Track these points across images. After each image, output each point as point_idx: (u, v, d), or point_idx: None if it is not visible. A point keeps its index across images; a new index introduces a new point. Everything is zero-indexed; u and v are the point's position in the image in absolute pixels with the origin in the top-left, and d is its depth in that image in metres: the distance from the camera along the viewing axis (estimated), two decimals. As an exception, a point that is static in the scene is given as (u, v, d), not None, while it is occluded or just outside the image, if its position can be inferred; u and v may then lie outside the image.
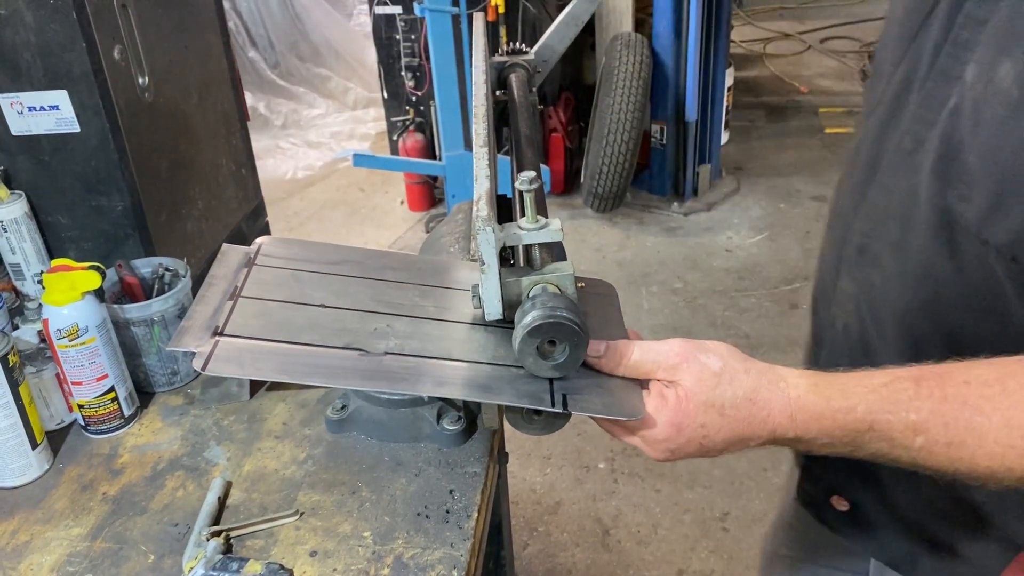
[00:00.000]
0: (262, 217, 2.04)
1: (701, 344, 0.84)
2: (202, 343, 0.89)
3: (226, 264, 1.03)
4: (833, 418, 0.78)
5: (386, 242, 4.51)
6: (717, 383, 0.81)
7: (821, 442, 0.80)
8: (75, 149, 1.37)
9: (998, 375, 0.73)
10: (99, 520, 1.06)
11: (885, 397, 0.76)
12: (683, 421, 0.81)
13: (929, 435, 0.74)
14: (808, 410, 0.79)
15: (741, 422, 0.81)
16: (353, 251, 1.13)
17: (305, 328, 0.93)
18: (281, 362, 0.88)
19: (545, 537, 2.61)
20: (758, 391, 0.80)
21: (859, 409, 0.77)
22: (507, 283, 0.85)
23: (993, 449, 0.72)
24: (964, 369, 0.75)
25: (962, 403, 0.73)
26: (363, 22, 6.07)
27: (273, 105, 5.93)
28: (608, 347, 0.86)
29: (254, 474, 1.12)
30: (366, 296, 0.99)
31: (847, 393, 0.78)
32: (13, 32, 1.27)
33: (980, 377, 0.74)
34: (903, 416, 0.75)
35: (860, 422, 0.77)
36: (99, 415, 1.19)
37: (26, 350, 1.22)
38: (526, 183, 0.80)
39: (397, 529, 1.01)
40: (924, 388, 0.75)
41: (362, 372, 0.88)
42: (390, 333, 0.93)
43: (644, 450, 0.86)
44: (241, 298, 0.97)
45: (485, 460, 1.11)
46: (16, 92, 1.32)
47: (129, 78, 1.42)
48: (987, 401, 0.72)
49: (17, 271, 1.41)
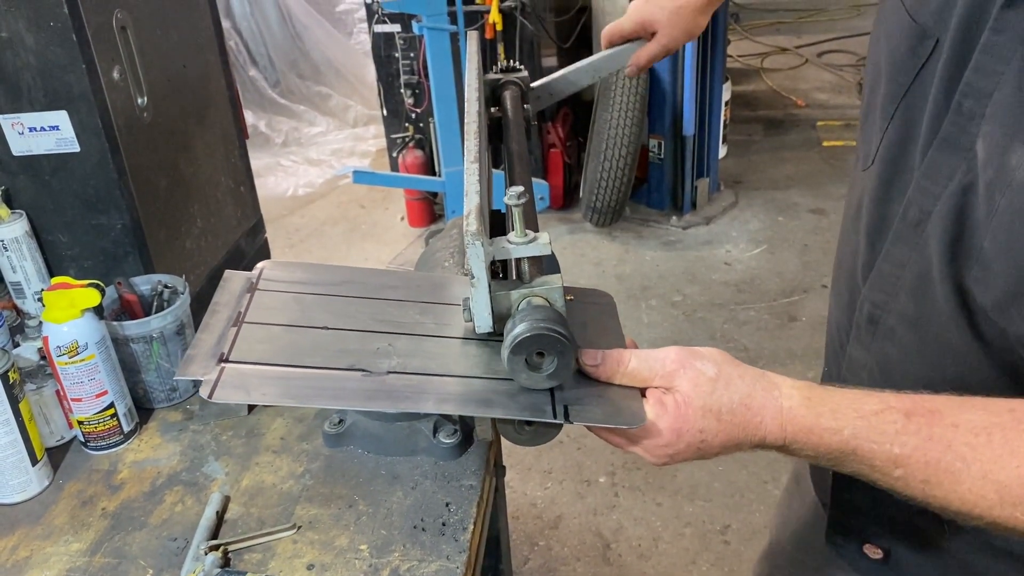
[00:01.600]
0: (261, 234, 2.05)
1: (696, 351, 0.85)
2: (208, 371, 0.90)
3: (228, 291, 1.04)
4: (820, 435, 0.79)
5: (387, 258, 4.53)
6: (713, 388, 0.82)
7: (805, 453, 0.81)
8: (75, 169, 1.38)
9: (986, 425, 0.74)
10: (98, 535, 1.07)
11: (873, 426, 0.77)
12: (683, 426, 0.83)
13: (908, 469, 0.76)
14: (798, 423, 0.80)
15: (737, 427, 0.82)
16: (353, 271, 1.14)
17: (308, 351, 0.94)
18: (286, 386, 0.89)
19: (546, 551, 2.61)
20: (753, 396, 0.82)
21: (846, 432, 0.78)
22: (496, 296, 0.86)
23: (966, 496, 0.74)
24: (956, 410, 0.76)
25: (946, 446, 0.74)
26: (363, 40, 6.11)
27: (274, 123, 5.96)
28: (604, 356, 0.87)
29: (252, 488, 1.13)
30: (367, 316, 1.00)
31: (837, 414, 0.79)
32: (14, 54, 1.29)
33: (969, 423, 0.74)
34: (887, 448, 0.76)
35: (845, 444, 0.78)
36: (99, 431, 1.20)
37: (26, 367, 1.23)
38: (514, 198, 0.81)
39: (394, 542, 1.02)
40: (913, 423, 0.76)
41: (365, 392, 0.89)
42: (392, 352, 0.94)
43: (644, 457, 0.87)
44: (245, 324, 0.98)
45: (481, 473, 1.12)
46: (17, 113, 1.34)
47: (128, 98, 1.44)
48: (970, 449, 0.73)
49: (18, 289, 1.42)
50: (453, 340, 0.98)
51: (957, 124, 0.81)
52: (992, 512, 0.73)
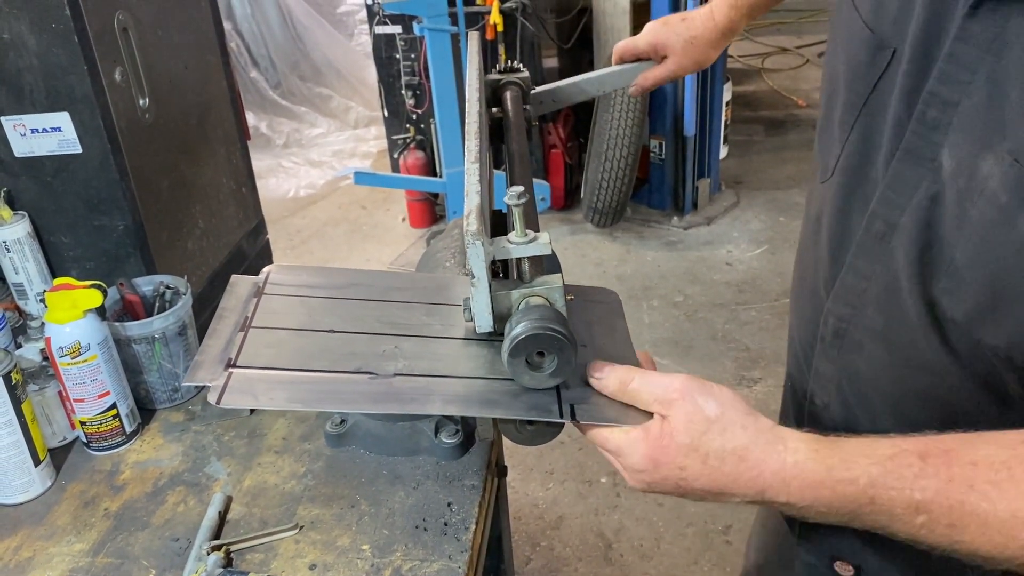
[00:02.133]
0: (262, 235, 2.06)
1: (706, 386, 0.81)
2: (216, 376, 0.90)
3: (235, 295, 1.04)
4: (833, 488, 0.74)
5: (388, 259, 4.53)
6: (706, 429, 0.78)
7: (816, 510, 0.76)
8: (77, 170, 1.38)
9: (1005, 459, 0.70)
10: (101, 536, 1.07)
11: (890, 471, 0.72)
12: (660, 457, 0.79)
13: (932, 515, 0.71)
14: (806, 478, 0.75)
15: (725, 476, 0.77)
16: (359, 274, 1.14)
17: (315, 354, 0.94)
18: (293, 390, 0.89)
19: (548, 552, 2.61)
20: (750, 449, 0.76)
21: (861, 481, 0.73)
22: (497, 296, 0.86)
23: (995, 538, 0.70)
24: (970, 447, 0.72)
25: (968, 486, 0.70)
26: (363, 42, 6.12)
27: (275, 124, 5.97)
28: (610, 371, 0.86)
29: (254, 489, 1.13)
30: (374, 318, 1.00)
31: (849, 463, 0.73)
32: (16, 56, 1.30)
33: (988, 458, 0.70)
34: (907, 494, 0.71)
35: (862, 495, 0.73)
36: (101, 432, 1.20)
37: (29, 368, 1.24)
38: (514, 198, 0.81)
39: (396, 542, 1.02)
40: (930, 466, 0.71)
41: (372, 395, 0.88)
42: (398, 354, 0.94)
43: (622, 474, 0.86)
44: (252, 328, 0.98)
45: (483, 473, 1.12)
46: (19, 114, 1.34)
47: (130, 99, 1.44)
48: (993, 487, 0.69)
49: (20, 290, 1.42)
50: (459, 341, 0.98)
51: (921, 135, 0.80)
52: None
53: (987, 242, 0.74)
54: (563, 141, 4.60)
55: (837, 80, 0.94)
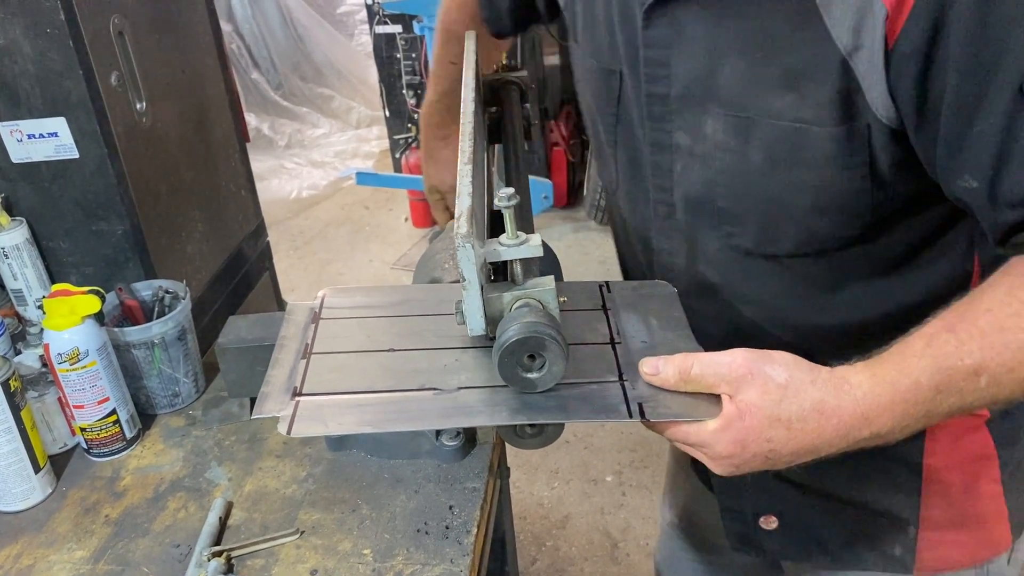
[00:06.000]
0: (263, 238, 2.05)
1: (766, 355, 0.81)
2: (284, 406, 0.89)
3: (293, 323, 1.04)
4: (904, 400, 0.78)
5: (391, 259, 4.53)
6: (783, 396, 0.78)
7: (900, 428, 0.79)
8: (74, 175, 1.38)
9: (1006, 293, 0.77)
10: (102, 542, 1.07)
11: (935, 355, 0.77)
12: (747, 438, 0.80)
13: (991, 371, 0.76)
14: (880, 404, 0.78)
15: (811, 434, 0.79)
16: (410, 289, 1.14)
17: (379, 375, 0.93)
18: (361, 413, 0.88)
19: (553, 552, 2.61)
20: (825, 402, 0.78)
21: (923, 380, 0.77)
22: (489, 299, 0.85)
23: None
24: (975, 301, 0.79)
25: (1000, 329, 0.76)
26: (364, 42, 6.10)
27: (277, 126, 5.96)
28: (665, 363, 0.85)
29: (255, 494, 1.12)
30: (431, 332, 1.00)
31: (905, 370, 0.78)
32: (11, 61, 1.29)
33: (995, 300, 0.77)
34: (960, 364, 0.76)
35: (928, 390, 0.77)
36: (101, 438, 1.19)
37: (28, 375, 1.23)
38: (504, 200, 0.80)
39: (397, 546, 1.01)
40: (962, 332, 0.77)
41: (439, 411, 0.88)
42: (460, 367, 0.93)
43: (708, 465, 0.85)
44: (314, 355, 0.98)
45: (485, 475, 1.11)
46: (15, 120, 1.33)
47: (127, 103, 1.43)
48: (1016, 318, 0.76)
49: (19, 297, 1.42)
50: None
51: (658, 128, 0.99)
52: None
53: (736, 181, 0.94)
54: (565, 139, 4.58)
55: (592, 111, 1.12)
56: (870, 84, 0.81)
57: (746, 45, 0.87)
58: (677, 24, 0.91)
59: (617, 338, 0.95)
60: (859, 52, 0.80)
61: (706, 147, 0.95)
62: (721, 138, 0.93)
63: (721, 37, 0.89)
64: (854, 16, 0.79)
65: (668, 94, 0.96)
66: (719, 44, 0.89)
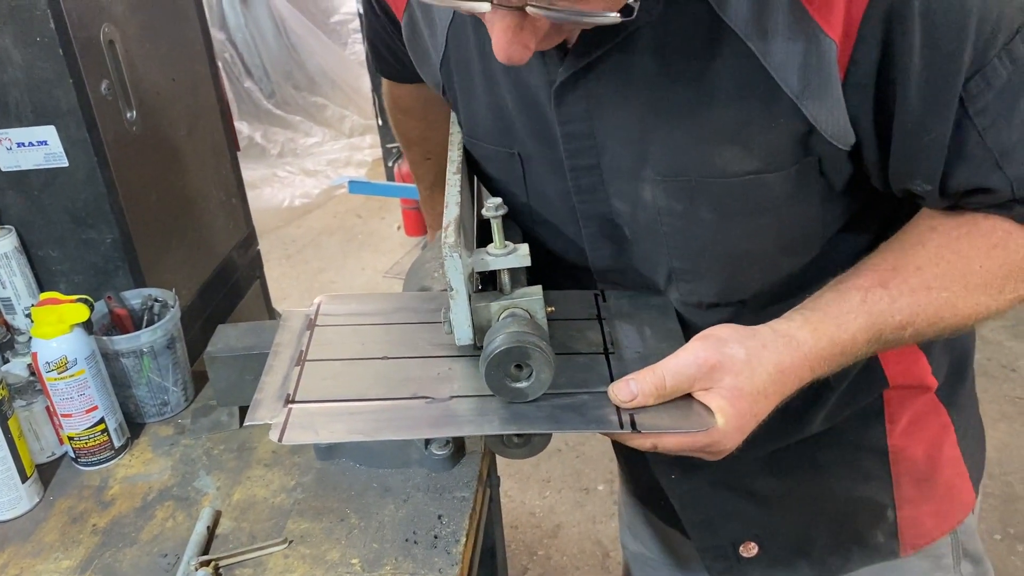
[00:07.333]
0: (253, 246, 2.05)
1: (717, 338, 0.84)
2: (276, 413, 0.90)
3: (288, 330, 1.04)
4: (843, 352, 0.85)
5: (383, 267, 4.53)
6: (751, 370, 0.83)
7: (833, 370, 0.88)
8: (64, 183, 1.38)
9: (934, 253, 0.86)
10: (89, 552, 1.06)
11: (870, 311, 0.84)
12: (744, 423, 0.83)
13: (915, 324, 0.85)
14: (821, 356, 0.85)
15: (779, 391, 0.85)
16: (407, 297, 1.14)
17: (372, 383, 0.94)
18: (352, 422, 0.88)
19: (545, 561, 2.60)
20: (782, 361, 0.84)
21: (859, 336, 0.85)
22: (477, 308, 0.85)
23: (967, 311, 0.85)
24: (907, 255, 0.87)
25: (927, 288, 0.84)
26: (357, 51, 6.10)
27: (269, 134, 5.95)
28: (639, 386, 0.84)
29: (243, 503, 1.12)
30: (425, 341, 1.00)
31: (843, 326, 0.85)
32: (1, 70, 1.29)
33: (924, 258, 0.86)
34: (890, 320, 0.85)
35: (863, 343, 0.86)
36: (89, 447, 1.19)
37: (16, 383, 1.22)
38: (492, 210, 0.81)
39: (385, 556, 1.01)
40: (894, 289, 0.85)
41: (430, 420, 0.88)
42: (452, 375, 0.94)
43: (706, 458, 0.87)
44: (307, 362, 0.98)
45: (474, 484, 1.11)
46: (5, 128, 1.33)
47: (117, 112, 1.43)
48: (941, 278, 0.84)
49: (8, 305, 1.42)
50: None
51: (588, 201, 0.95)
52: (991, 309, 0.86)
53: (693, 240, 0.92)
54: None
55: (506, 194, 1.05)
56: (824, 119, 0.80)
57: (677, 107, 0.84)
58: (594, 97, 0.87)
59: (611, 348, 0.96)
60: (807, 90, 0.79)
61: (648, 214, 0.92)
62: (664, 203, 0.89)
63: (645, 104, 0.85)
64: (799, 55, 0.77)
65: (597, 164, 0.92)
66: (644, 112, 0.86)
